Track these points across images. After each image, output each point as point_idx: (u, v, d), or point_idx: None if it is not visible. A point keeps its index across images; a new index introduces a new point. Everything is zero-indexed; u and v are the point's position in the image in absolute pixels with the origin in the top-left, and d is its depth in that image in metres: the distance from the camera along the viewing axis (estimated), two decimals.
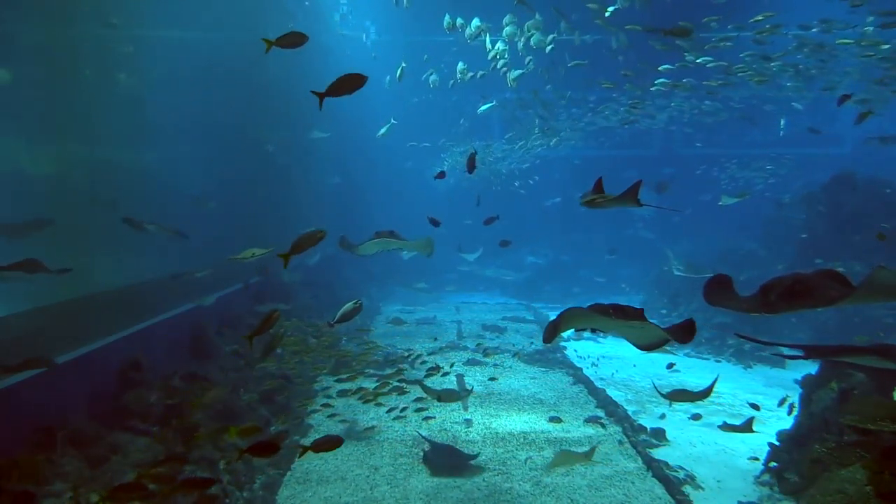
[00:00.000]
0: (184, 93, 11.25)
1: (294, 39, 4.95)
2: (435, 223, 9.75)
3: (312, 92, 4.80)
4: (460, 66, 13.41)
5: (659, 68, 13.13)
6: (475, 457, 7.11)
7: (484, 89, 14.75)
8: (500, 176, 22.95)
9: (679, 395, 6.92)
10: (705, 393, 6.70)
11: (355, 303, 6.30)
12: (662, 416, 8.88)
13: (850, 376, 6.37)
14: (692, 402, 6.99)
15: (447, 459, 6.94)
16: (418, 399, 8.51)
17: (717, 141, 24.04)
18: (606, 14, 11.11)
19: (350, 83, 4.69)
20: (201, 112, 11.52)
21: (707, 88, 13.83)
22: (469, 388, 9.39)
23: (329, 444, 4.88)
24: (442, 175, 10.97)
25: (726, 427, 7.81)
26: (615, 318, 4.11)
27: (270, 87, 14.42)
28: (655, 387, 7.98)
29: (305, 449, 4.94)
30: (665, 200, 16.11)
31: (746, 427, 7.24)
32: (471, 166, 8.22)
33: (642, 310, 4.21)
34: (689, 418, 8.79)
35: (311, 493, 6.30)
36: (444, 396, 7.74)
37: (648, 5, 11.52)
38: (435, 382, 9.20)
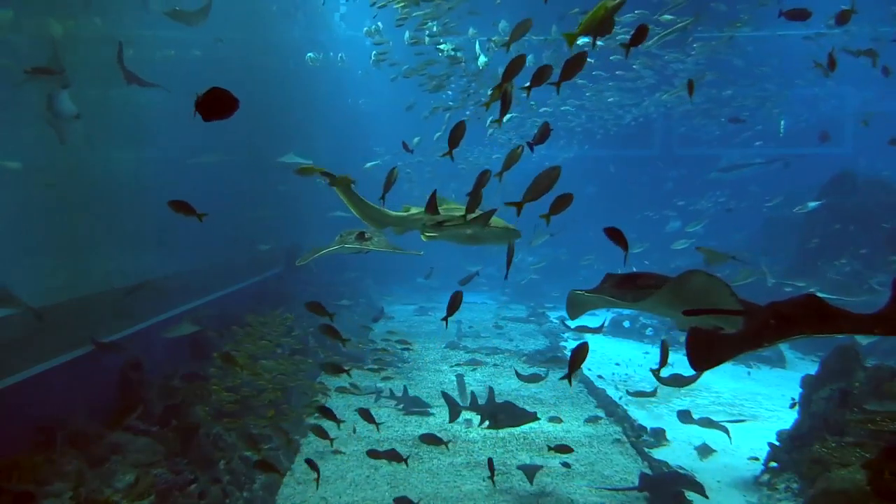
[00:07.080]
0: (178, 93, 11.18)
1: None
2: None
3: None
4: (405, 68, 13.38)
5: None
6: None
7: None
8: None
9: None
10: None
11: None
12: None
13: (850, 376, 6.39)
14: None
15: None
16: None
17: (715, 141, 24.01)
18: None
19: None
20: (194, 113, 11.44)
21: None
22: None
23: None
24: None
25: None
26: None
27: (269, 86, 14.38)
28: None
29: None
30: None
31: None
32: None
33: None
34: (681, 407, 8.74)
35: (311, 492, 6.30)
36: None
37: None
38: (437, 380, 9.16)
